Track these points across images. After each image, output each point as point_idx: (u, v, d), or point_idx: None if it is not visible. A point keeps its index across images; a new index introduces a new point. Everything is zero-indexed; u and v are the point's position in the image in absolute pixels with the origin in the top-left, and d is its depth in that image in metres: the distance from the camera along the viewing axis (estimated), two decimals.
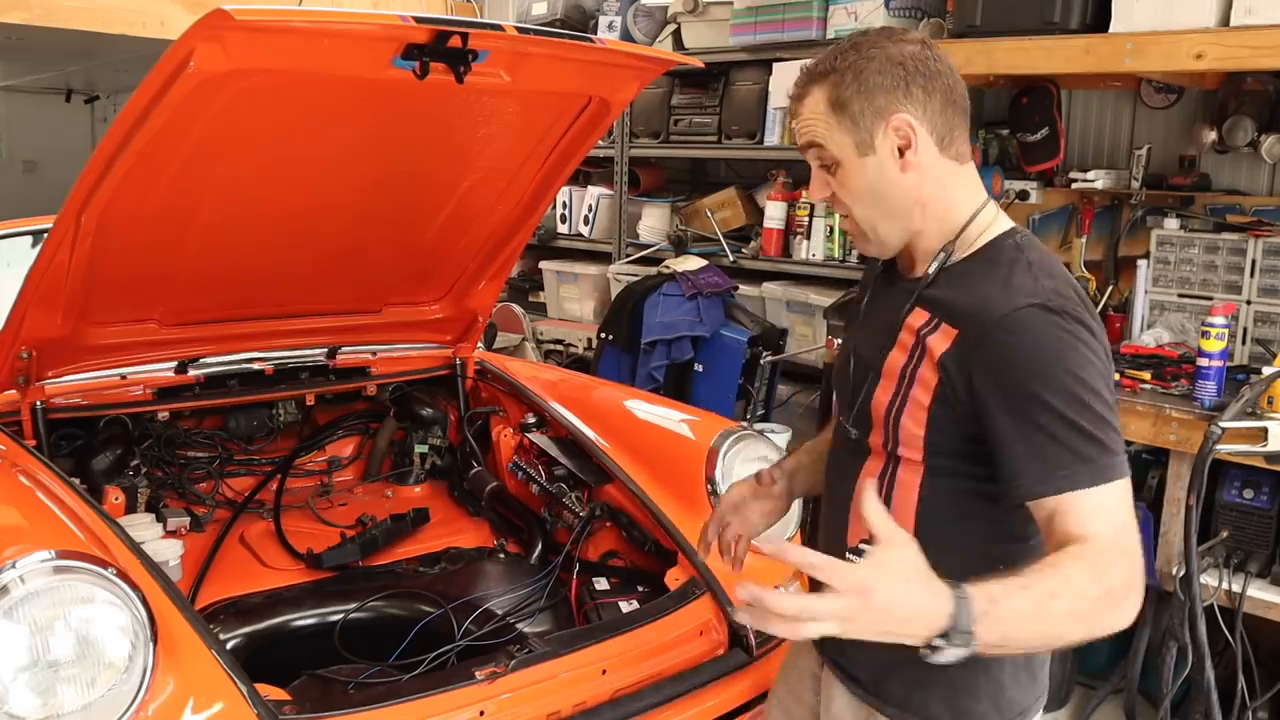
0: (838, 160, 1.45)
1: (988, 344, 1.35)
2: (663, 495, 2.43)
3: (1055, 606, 1.24)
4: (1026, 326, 1.34)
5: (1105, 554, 1.28)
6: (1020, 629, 1.24)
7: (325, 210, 2.35)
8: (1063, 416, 1.31)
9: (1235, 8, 2.88)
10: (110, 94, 8.99)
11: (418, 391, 3.10)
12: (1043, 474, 1.32)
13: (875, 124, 1.41)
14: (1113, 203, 3.72)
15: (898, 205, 1.46)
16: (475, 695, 1.84)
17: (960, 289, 1.42)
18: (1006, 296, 1.37)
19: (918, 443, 1.44)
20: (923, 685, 1.50)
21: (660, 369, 4.24)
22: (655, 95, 4.75)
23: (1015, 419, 1.33)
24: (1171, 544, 2.90)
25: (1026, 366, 1.33)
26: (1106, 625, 1.29)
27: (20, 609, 1.60)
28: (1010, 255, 1.44)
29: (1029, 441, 1.32)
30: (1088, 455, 1.32)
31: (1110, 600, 1.27)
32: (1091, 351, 1.35)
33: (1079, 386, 1.32)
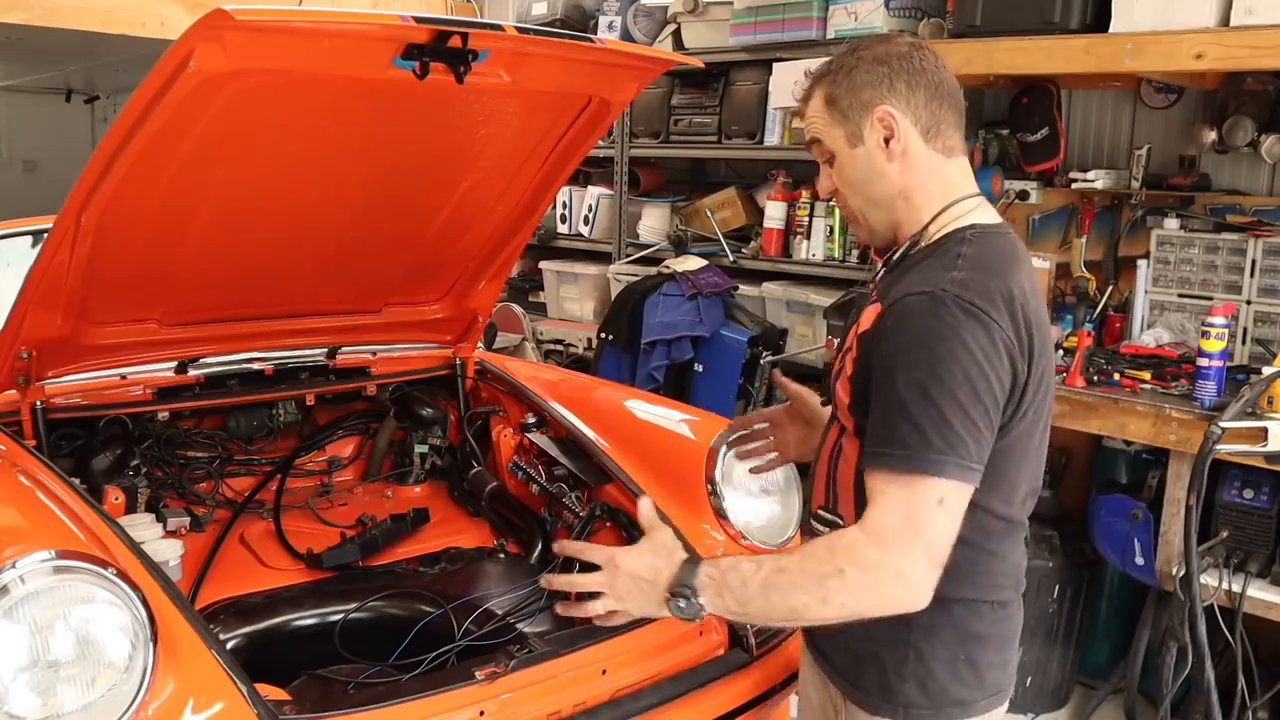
0: (834, 152, 1.57)
1: (881, 323, 1.46)
2: (663, 495, 2.42)
3: (782, 580, 1.39)
4: (910, 310, 1.42)
5: (854, 539, 1.39)
6: (749, 599, 1.41)
7: (325, 210, 2.35)
8: (900, 400, 1.39)
9: (1235, 8, 2.88)
10: (110, 94, 8.99)
11: (418, 391, 3.09)
12: (872, 446, 1.42)
13: (863, 116, 1.53)
14: (1113, 203, 3.72)
15: (883, 194, 1.56)
16: (475, 695, 1.84)
17: (903, 277, 1.51)
18: (915, 283, 1.45)
19: (846, 410, 1.55)
20: (860, 659, 1.58)
21: (660, 369, 4.24)
22: (655, 95, 4.76)
23: (877, 388, 1.44)
24: (1171, 544, 2.90)
25: (893, 345, 1.42)
26: (846, 604, 1.38)
27: (20, 609, 1.60)
28: (953, 247, 1.50)
29: (876, 415, 1.43)
30: (908, 444, 1.37)
31: (842, 581, 1.37)
32: (963, 347, 1.38)
33: (926, 375, 1.38)
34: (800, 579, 1.40)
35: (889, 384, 1.41)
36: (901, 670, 1.54)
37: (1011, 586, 1.60)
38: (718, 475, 2.44)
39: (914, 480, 1.37)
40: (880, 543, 1.37)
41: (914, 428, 1.37)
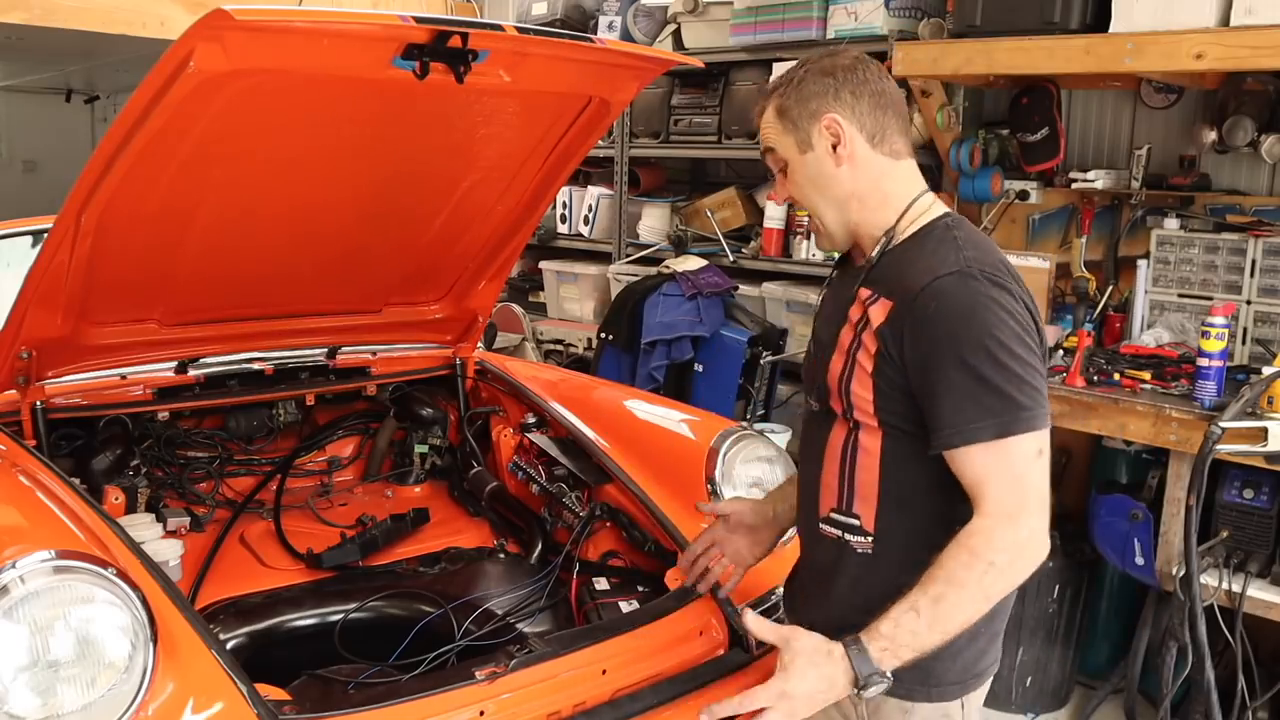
0: (786, 160, 1.66)
1: (915, 309, 1.51)
2: (663, 495, 2.43)
3: (943, 609, 1.43)
4: (946, 291, 1.50)
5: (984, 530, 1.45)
6: (925, 639, 1.43)
7: (325, 210, 2.35)
8: (975, 372, 1.46)
9: (1235, 8, 2.88)
10: (110, 94, 8.99)
11: (418, 391, 3.09)
12: (956, 426, 1.47)
13: (811, 124, 1.62)
14: (1113, 203, 3.72)
15: (835, 196, 1.65)
16: (475, 695, 1.84)
17: (897, 266, 1.59)
18: (931, 267, 1.53)
19: (868, 406, 1.58)
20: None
21: (660, 369, 4.24)
22: (655, 95, 4.76)
23: (935, 375, 1.48)
24: (1171, 544, 2.90)
25: (945, 326, 1.48)
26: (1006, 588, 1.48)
27: (20, 609, 1.60)
28: (940, 234, 1.60)
29: (946, 396, 1.48)
30: (997, 410, 1.46)
31: (994, 572, 1.44)
32: (1007, 312, 1.49)
33: (993, 344, 1.46)
34: (961, 595, 1.44)
35: (952, 364, 1.47)
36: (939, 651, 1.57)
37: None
38: (718, 475, 2.44)
39: (1011, 443, 1.46)
40: (1010, 521, 1.45)
41: (995, 393, 1.45)
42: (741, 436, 2.51)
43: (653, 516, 2.38)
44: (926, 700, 1.62)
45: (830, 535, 1.68)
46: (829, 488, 1.68)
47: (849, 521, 1.65)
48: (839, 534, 1.67)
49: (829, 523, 1.68)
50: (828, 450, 1.67)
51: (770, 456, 2.52)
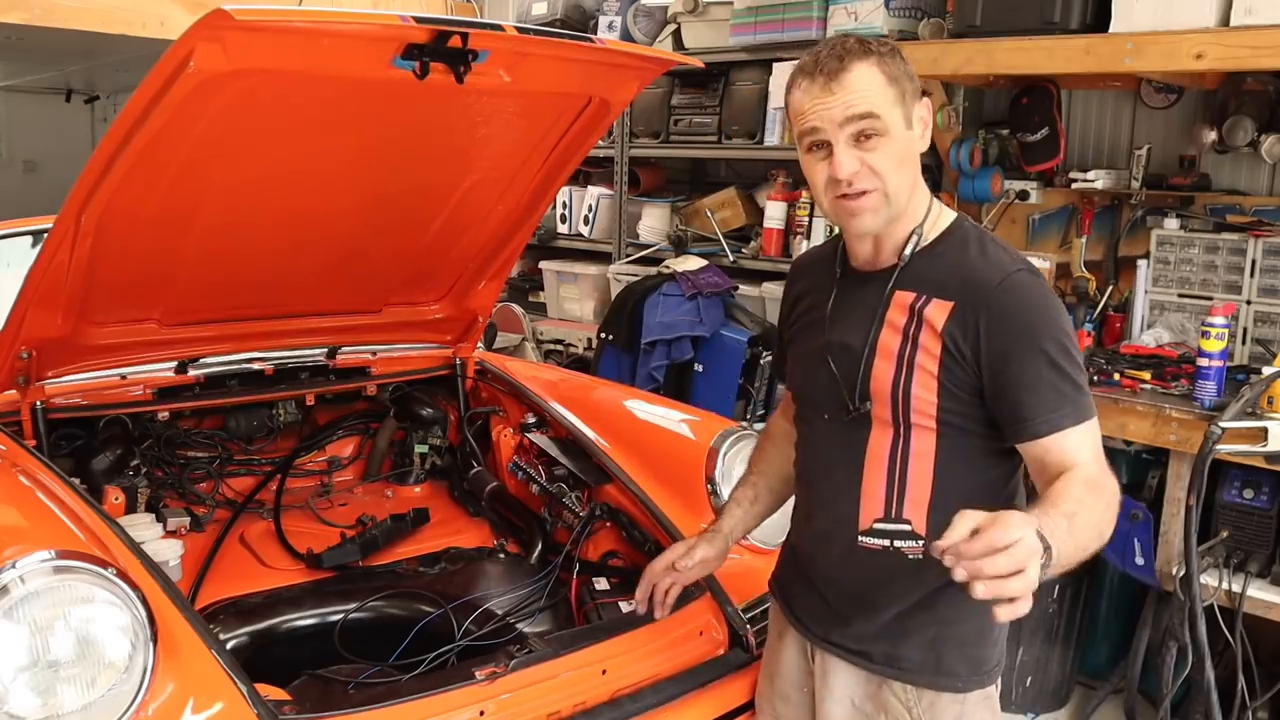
0: (886, 131, 1.54)
1: (994, 306, 1.53)
2: (663, 495, 2.43)
3: (1077, 521, 1.39)
4: (1021, 287, 1.54)
5: (1097, 475, 1.48)
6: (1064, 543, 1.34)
7: (325, 210, 2.35)
8: (1055, 364, 1.52)
9: (1235, 8, 2.88)
10: (110, 94, 8.99)
11: (418, 391, 3.09)
12: (1044, 415, 1.51)
13: (914, 101, 1.58)
14: (1113, 203, 3.72)
15: (911, 181, 1.61)
16: (475, 695, 1.84)
17: (941, 268, 1.60)
18: (994, 265, 1.57)
19: (930, 409, 1.58)
20: (938, 645, 1.64)
21: (660, 369, 4.24)
22: (655, 95, 4.75)
23: (1020, 367, 1.52)
24: (1171, 544, 2.90)
25: (1027, 321, 1.53)
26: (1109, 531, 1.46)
27: (20, 609, 1.60)
28: (975, 234, 1.64)
29: (1032, 387, 1.51)
30: (1074, 397, 1.52)
31: (1110, 511, 1.45)
32: (1065, 311, 1.59)
33: (1065, 337, 1.54)
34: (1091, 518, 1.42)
35: (1036, 356, 1.51)
36: (983, 640, 1.65)
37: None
38: (718, 475, 2.44)
39: (1089, 425, 1.53)
40: (1109, 475, 1.50)
41: (1071, 383, 1.52)
42: (741, 436, 2.51)
43: (653, 516, 2.38)
44: (979, 687, 1.66)
45: (875, 547, 1.64)
46: (872, 497, 1.64)
47: (898, 529, 1.62)
48: (886, 544, 1.63)
49: (873, 534, 1.64)
50: (869, 459, 1.64)
51: None
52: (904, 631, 1.64)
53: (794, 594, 1.83)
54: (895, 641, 1.66)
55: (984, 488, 1.61)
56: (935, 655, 1.64)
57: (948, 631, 1.63)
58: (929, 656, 1.64)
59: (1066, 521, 1.36)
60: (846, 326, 1.67)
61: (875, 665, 1.68)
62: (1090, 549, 1.42)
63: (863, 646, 1.69)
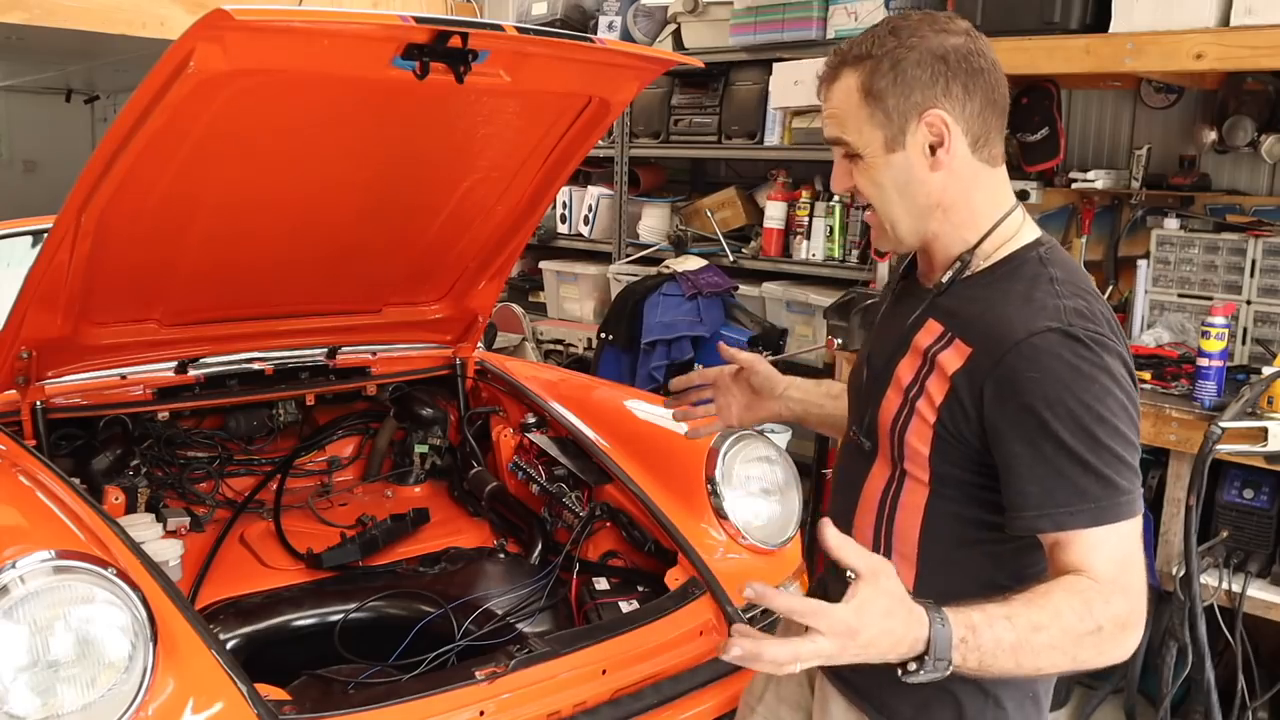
0: (860, 155, 1.38)
1: (1003, 367, 1.29)
2: (663, 495, 2.43)
3: (1038, 639, 1.20)
4: (1044, 351, 1.27)
5: (1101, 591, 1.24)
6: (1000, 658, 1.19)
7: (325, 210, 2.35)
8: (1071, 451, 1.25)
9: (1235, 8, 2.88)
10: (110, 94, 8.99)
11: (418, 391, 3.09)
12: (1045, 508, 1.27)
13: (909, 119, 1.34)
14: (1113, 203, 3.72)
15: (919, 205, 1.38)
16: (475, 695, 1.84)
17: (977, 304, 1.36)
18: (1026, 316, 1.30)
19: (923, 460, 1.39)
20: (928, 708, 1.46)
21: (660, 369, 4.24)
22: (655, 95, 4.76)
23: (1023, 447, 1.28)
24: (1171, 544, 2.90)
25: (1039, 394, 1.26)
26: (1093, 660, 1.24)
27: (20, 609, 1.60)
28: (1033, 269, 1.36)
29: (1034, 474, 1.27)
30: (1094, 494, 1.26)
31: (1098, 638, 1.23)
32: (1113, 381, 1.28)
33: (1092, 420, 1.26)
34: (1059, 639, 1.21)
35: (1043, 437, 1.26)
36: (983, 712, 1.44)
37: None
38: (718, 475, 2.44)
39: (1113, 530, 1.26)
40: (1126, 594, 1.25)
41: (1094, 476, 1.25)
42: (741, 436, 2.51)
43: (653, 516, 2.38)
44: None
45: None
46: (863, 535, 1.47)
47: None
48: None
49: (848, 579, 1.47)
50: (864, 494, 1.48)
51: (770, 456, 2.52)
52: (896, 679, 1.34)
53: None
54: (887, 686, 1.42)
55: (985, 559, 1.40)
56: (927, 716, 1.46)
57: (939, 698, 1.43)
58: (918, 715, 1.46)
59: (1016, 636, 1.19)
60: (883, 339, 1.50)
61: (867, 706, 1.52)
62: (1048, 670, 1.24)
63: (859, 679, 1.51)
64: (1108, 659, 1.25)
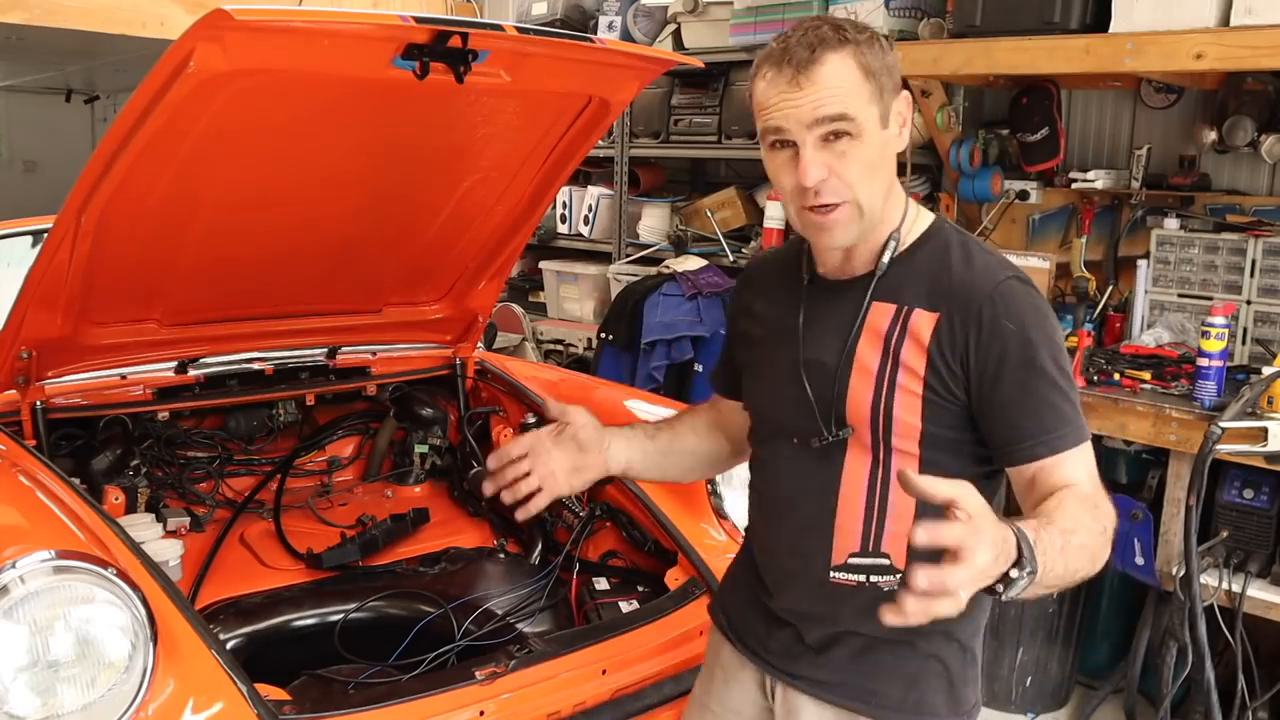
0: (860, 132, 1.37)
1: (981, 318, 1.39)
2: (663, 495, 2.43)
3: (1074, 541, 1.26)
4: (1012, 297, 1.40)
5: (1092, 497, 1.36)
6: (1055, 562, 1.21)
7: (325, 210, 2.35)
8: (1054, 382, 1.39)
9: (1235, 8, 2.88)
10: (110, 94, 9.00)
11: (418, 391, 3.09)
12: (1040, 436, 1.38)
13: (892, 97, 1.41)
14: (1113, 203, 3.72)
15: (884, 185, 1.45)
16: (475, 695, 1.84)
17: (921, 275, 1.45)
18: (984, 273, 1.42)
19: (913, 432, 1.44)
20: (919, 682, 1.50)
21: (660, 369, 4.24)
22: (655, 95, 4.75)
23: (1015, 386, 1.39)
24: (1171, 544, 2.90)
25: (1021, 335, 1.39)
26: (1101, 558, 1.33)
27: (20, 609, 1.60)
28: (956, 238, 1.49)
29: (1026, 407, 1.39)
30: (1070, 417, 1.40)
31: (1105, 538, 1.32)
32: (1058, 324, 1.45)
33: (1059, 352, 1.41)
34: (1086, 540, 1.28)
35: (1031, 372, 1.38)
36: (964, 674, 1.53)
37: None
38: (718, 475, 2.43)
39: (1086, 447, 1.41)
40: (1105, 498, 1.38)
41: (1069, 402, 1.40)
42: None
43: (653, 516, 2.38)
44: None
45: (848, 583, 1.48)
46: (847, 531, 1.48)
47: (875, 563, 1.47)
48: (861, 579, 1.48)
49: (847, 570, 1.48)
50: (844, 488, 1.48)
51: None
52: (881, 665, 1.49)
53: (750, 627, 1.64)
54: (872, 675, 1.51)
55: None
56: (918, 693, 1.50)
57: (930, 667, 1.49)
58: (909, 694, 1.50)
59: (1062, 539, 1.23)
60: (820, 343, 1.50)
61: (848, 701, 1.52)
62: (1080, 574, 1.28)
63: (836, 678, 1.52)
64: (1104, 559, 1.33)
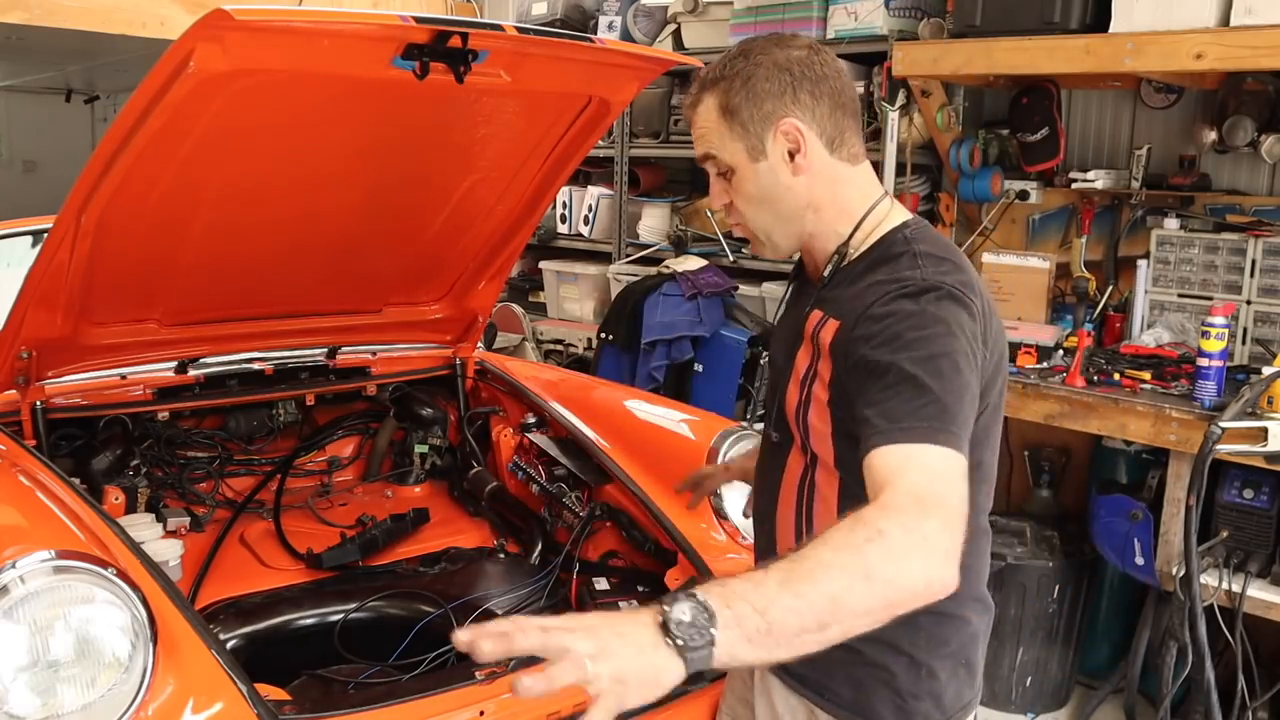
0: (732, 167, 1.46)
1: (859, 328, 1.37)
2: (663, 495, 2.43)
3: (804, 567, 1.10)
4: (891, 308, 1.35)
5: (885, 503, 1.17)
6: (773, 599, 1.08)
7: (325, 210, 2.35)
8: (914, 378, 1.27)
9: (1235, 8, 2.88)
10: (110, 94, 9.00)
11: (418, 391, 3.09)
12: (879, 428, 1.26)
13: (765, 129, 1.43)
14: (1113, 203, 3.72)
15: (789, 209, 1.47)
16: (475, 695, 1.84)
17: (852, 286, 1.44)
18: (883, 285, 1.38)
19: (826, 439, 1.46)
20: (865, 686, 1.50)
21: (660, 369, 4.24)
22: (655, 95, 4.75)
23: (869, 384, 1.31)
24: (1171, 544, 2.90)
25: (884, 340, 1.32)
26: (890, 573, 1.11)
27: (20, 609, 1.60)
28: (899, 249, 1.44)
29: (876, 401, 1.28)
30: (930, 416, 1.25)
31: (883, 542, 1.11)
32: (957, 327, 1.33)
33: (935, 351, 1.30)
34: (831, 556, 1.11)
35: (889, 367, 1.29)
36: (916, 689, 1.49)
37: (989, 581, 1.60)
38: None
39: (935, 450, 1.24)
40: (919, 503, 1.17)
41: (935, 403, 1.26)
42: (741, 436, 2.51)
43: (653, 516, 2.38)
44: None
45: None
46: (785, 527, 1.55)
47: None
48: None
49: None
50: (784, 485, 1.55)
51: None
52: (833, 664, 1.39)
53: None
54: (827, 672, 1.51)
55: None
56: (864, 696, 1.50)
57: (874, 675, 1.49)
58: (857, 696, 1.51)
59: (776, 573, 1.10)
60: (781, 337, 1.59)
61: (807, 691, 1.56)
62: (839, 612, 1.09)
63: (799, 669, 1.55)
64: (912, 580, 1.13)
